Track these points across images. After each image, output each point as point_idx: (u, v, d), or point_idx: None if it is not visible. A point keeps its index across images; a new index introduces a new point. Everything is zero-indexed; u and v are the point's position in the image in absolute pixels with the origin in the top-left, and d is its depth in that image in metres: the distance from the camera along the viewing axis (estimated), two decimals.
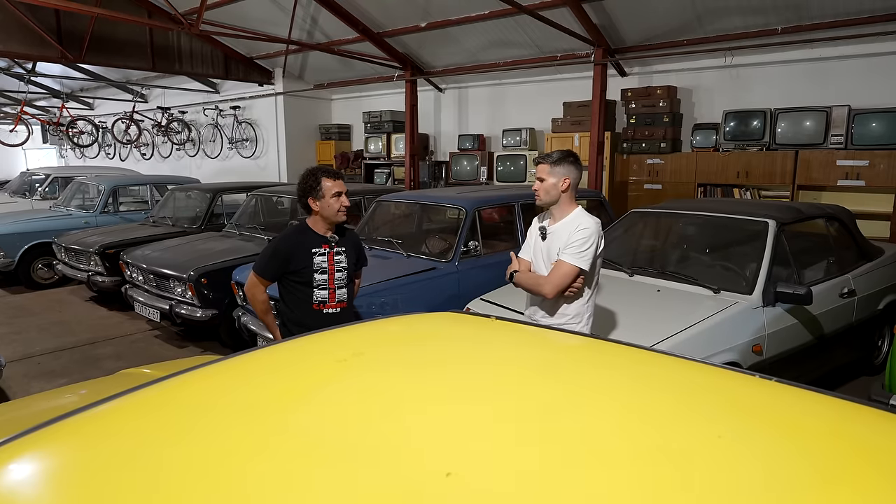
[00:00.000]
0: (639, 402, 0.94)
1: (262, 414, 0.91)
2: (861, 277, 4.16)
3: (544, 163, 2.59)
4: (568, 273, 2.50)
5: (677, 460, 0.77)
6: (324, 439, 0.82)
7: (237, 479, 0.74)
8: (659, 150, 7.19)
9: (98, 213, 8.24)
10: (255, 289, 2.89)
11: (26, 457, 0.86)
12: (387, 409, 0.90)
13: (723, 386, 1.03)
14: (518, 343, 1.24)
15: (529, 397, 0.93)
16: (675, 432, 0.84)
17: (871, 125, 5.83)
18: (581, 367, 1.10)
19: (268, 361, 1.13)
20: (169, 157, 13.33)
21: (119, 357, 5.17)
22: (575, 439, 0.81)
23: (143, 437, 0.89)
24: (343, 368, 1.05)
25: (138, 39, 8.98)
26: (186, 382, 1.08)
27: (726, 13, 6.26)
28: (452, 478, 0.69)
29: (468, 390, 0.97)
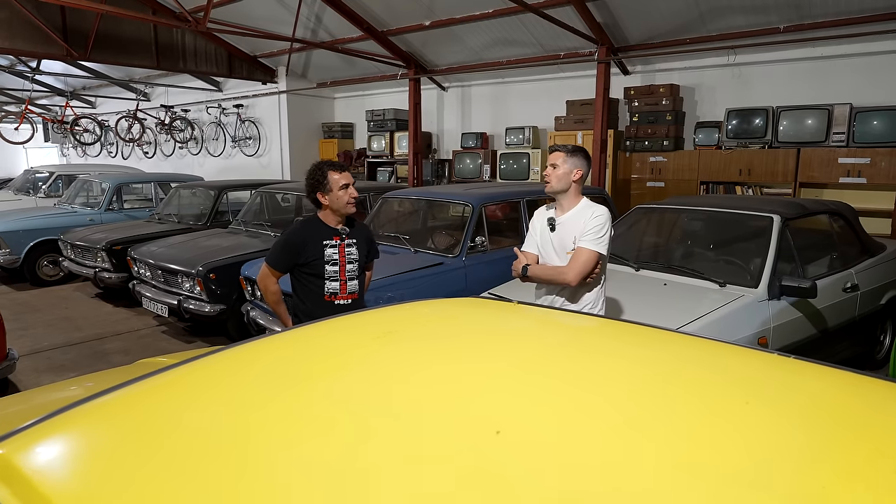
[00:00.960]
0: (666, 373, 0.98)
1: (318, 382, 0.95)
2: (864, 273, 4.21)
3: (560, 151, 2.65)
4: (589, 259, 2.56)
5: (708, 420, 0.81)
6: (380, 402, 0.86)
7: (308, 439, 0.78)
8: (662, 147, 7.24)
9: (103, 210, 8.28)
10: (266, 280, 2.92)
11: (78, 430, 0.89)
12: (430, 376, 0.94)
13: (745, 362, 1.07)
14: (543, 322, 1.29)
15: (564, 368, 0.97)
16: (703, 397, 0.89)
17: (873, 123, 5.88)
18: (608, 344, 1.15)
19: (305, 339, 1.17)
20: (171, 155, 13.37)
21: (127, 352, 5.20)
22: (614, 404, 0.85)
23: (212, 403, 0.92)
24: (381, 344, 1.10)
25: (143, 37, 9.02)
26: (235, 356, 1.11)
27: (729, 12, 6.31)
28: (502, 435, 0.73)
29: (503, 361, 1.01)
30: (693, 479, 0.68)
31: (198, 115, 12.65)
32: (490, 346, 1.11)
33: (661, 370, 1.00)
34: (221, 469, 0.74)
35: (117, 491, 0.73)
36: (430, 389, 0.91)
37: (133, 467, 0.77)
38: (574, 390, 0.90)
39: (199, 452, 0.78)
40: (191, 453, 0.78)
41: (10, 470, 0.75)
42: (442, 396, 0.88)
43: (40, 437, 0.84)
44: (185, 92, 12.21)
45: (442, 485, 0.67)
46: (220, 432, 0.83)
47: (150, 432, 0.85)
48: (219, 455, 0.77)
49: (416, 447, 0.74)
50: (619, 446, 0.74)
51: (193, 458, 0.77)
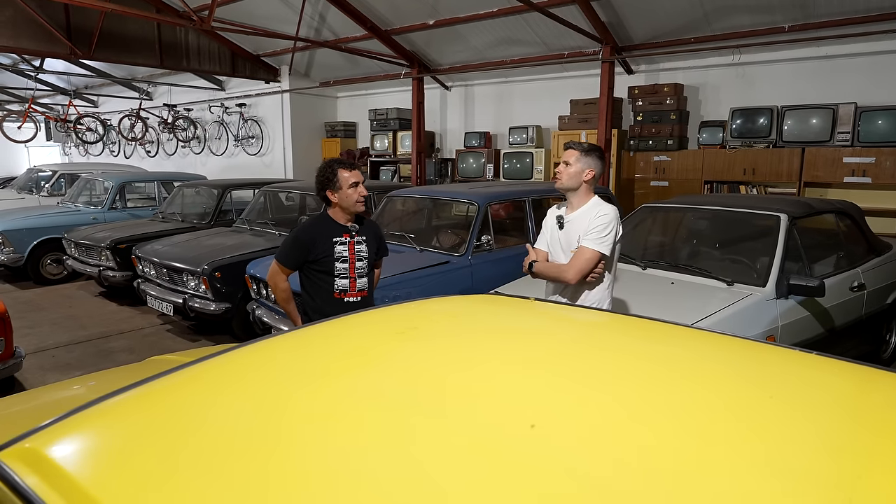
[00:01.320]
0: (692, 370, 0.98)
1: (346, 377, 0.95)
2: (870, 272, 4.20)
3: (575, 149, 2.64)
4: (590, 258, 2.55)
5: (736, 415, 0.81)
6: (411, 398, 0.86)
7: (344, 436, 0.78)
8: (666, 147, 7.24)
9: (106, 209, 8.29)
10: (276, 277, 2.93)
11: (107, 424, 0.89)
12: (458, 372, 0.94)
13: (767, 358, 1.07)
14: (564, 319, 1.29)
15: (591, 364, 0.97)
16: (727, 393, 0.89)
17: (878, 122, 5.88)
18: (631, 340, 1.14)
19: (326, 335, 1.17)
20: (174, 154, 13.37)
21: (132, 350, 5.21)
22: (644, 399, 0.85)
23: (241, 398, 0.92)
24: (404, 340, 1.09)
25: (147, 36, 9.02)
26: (259, 352, 1.11)
27: (734, 11, 6.31)
28: (537, 429, 0.73)
29: (529, 357, 1.01)
30: (728, 473, 0.68)
31: (200, 115, 12.66)
32: (514, 342, 1.11)
33: (687, 366, 1.00)
34: (253, 462, 0.74)
35: (147, 483, 0.73)
36: (459, 384, 0.91)
37: (163, 461, 0.77)
38: (601, 385, 0.90)
39: (229, 446, 0.78)
40: (221, 447, 0.78)
41: (41, 462, 0.75)
42: (472, 391, 0.88)
43: (69, 430, 0.84)
44: (188, 91, 12.21)
45: (481, 478, 0.67)
46: (250, 426, 0.83)
47: (177, 427, 0.85)
48: (249, 449, 0.77)
49: (451, 441, 0.74)
50: (654, 440, 0.74)
51: (224, 452, 0.77)
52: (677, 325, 1.22)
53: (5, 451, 0.77)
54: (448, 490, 0.65)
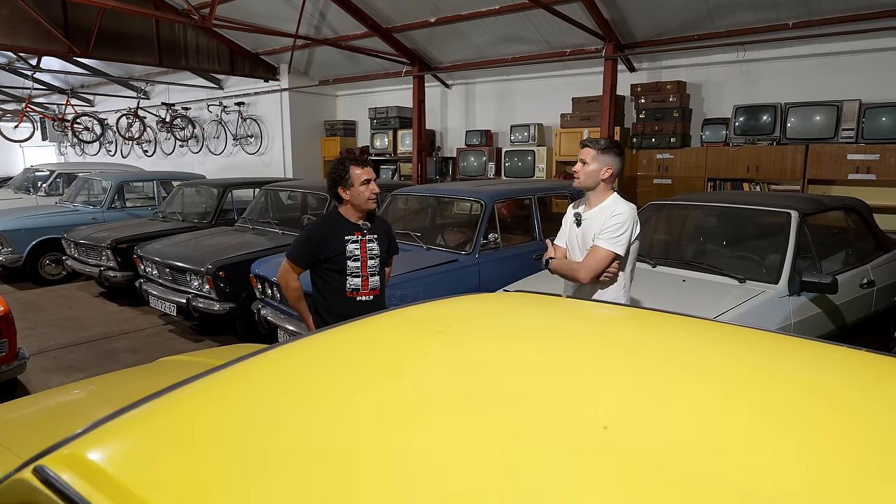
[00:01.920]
0: (764, 367, 0.95)
1: (403, 375, 0.92)
2: (879, 268, 4.19)
3: (591, 147, 2.60)
4: (603, 258, 2.52)
5: (824, 411, 0.79)
6: (475, 396, 0.83)
7: (416, 434, 0.75)
8: (669, 145, 7.22)
9: (105, 208, 8.23)
10: (287, 276, 2.90)
11: (161, 423, 0.86)
12: (514, 371, 0.91)
13: (840, 357, 1.04)
14: (607, 318, 1.26)
15: (647, 363, 0.94)
16: (811, 390, 0.86)
17: (882, 119, 5.87)
18: (686, 338, 1.11)
19: (360, 335, 1.13)
20: (171, 153, 13.29)
21: (135, 351, 5.16)
22: (714, 400, 0.82)
23: (300, 395, 0.89)
24: (447, 338, 1.06)
25: (145, 34, 8.94)
26: (293, 352, 1.08)
27: (738, 8, 6.29)
28: (610, 430, 0.70)
29: (582, 356, 0.98)
30: (833, 477, 0.65)
31: (198, 114, 12.58)
32: (558, 341, 1.08)
33: (757, 363, 0.98)
34: (313, 462, 0.71)
35: (200, 486, 0.69)
36: (519, 384, 0.87)
37: (213, 463, 0.74)
38: (668, 385, 0.87)
39: (281, 446, 0.75)
40: (273, 448, 0.75)
41: (87, 468, 0.72)
42: (532, 392, 0.85)
43: (111, 435, 0.81)
44: (186, 90, 12.13)
45: (559, 479, 0.64)
46: (304, 425, 0.80)
47: (227, 427, 0.82)
48: (307, 448, 0.74)
49: (525, 441, 0.71)
50: (738, 442, 0.71)
51: (276, 452, 0.74)
52: (727, 324, 1.19)
53: (48, 458, 0.73)
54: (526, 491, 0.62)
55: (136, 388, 2.11)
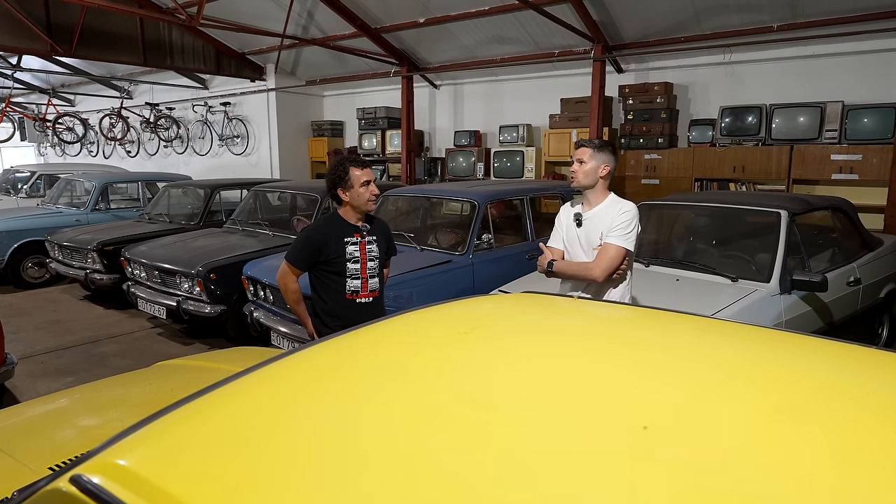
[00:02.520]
0: (785, 365, 0.97)
1: (435, 376, 0.92)
2: (865, 267, 4.28)
3: (587, 146, 2.63)
4: (616, 255, 2.55)
5: (851, 410, 0.80)
6: (510, 397, 0.83)
7: (451, 435, 0.75)
8: (656, 145, 7.29)
9: (89, 210, 8.09)
10: (287, 278, 2.88)
11: (195, 426, 0.85)
12: (549, 371, 0.92)
13: (846, 353, 1.07)
14: (624, 320, 1.27)
15: (681, 364, 0.95)
16: (834, 388, 0.88)
17: (864, 120, 6.00)
18: (711, 339, 1.13)
19: (384, 336, 1.13)
20: (155, 154, 13.11)
21: (124, 355, 5.08)
22: (750, 400, 0.83)
23: (320, 400, 0.89)
24: (474, 339, 1.06)
25: (130, 33, 8.81)
26: (322, 353, 1.07)
27: (724, 10, 6.38)
28: (650, 431, 0.71)
29: (613, 356, 0.99)
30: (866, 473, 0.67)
31: (183, 114, 12.43)
32: (584, 342, 1.08)
33: (785, 363, 0.99)
34: (353, 463, 0.71)
35: (243, 489, 0.69)
36: (555, 384, 0.88)
37: (254, 466, 0.73)
38: (703, 385, 0.88)
39: (321, 448, 0.75)
40: (312, 449, 0.75)
41: (125, 475, 0.71)
42: (567, 391, 0.85)
43: (145, 441, 0.80)
44: (170, 90, 11.97)
45: (603, 481, 0.65)
46: (342, 426, 0.80)
47: (262, 430, 0.82)
48: (346, 449, 0.74)
49: (566, 442, 0.72)
50: (783, 442, 0.72)
51: (317, 453, 0.74)
52: (751, 325, 1.21)
53: (84, 466, 0.72)
54: (571, 490, 0.62)
55: (139, 392, 2.09)
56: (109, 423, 1.87)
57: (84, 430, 1.81)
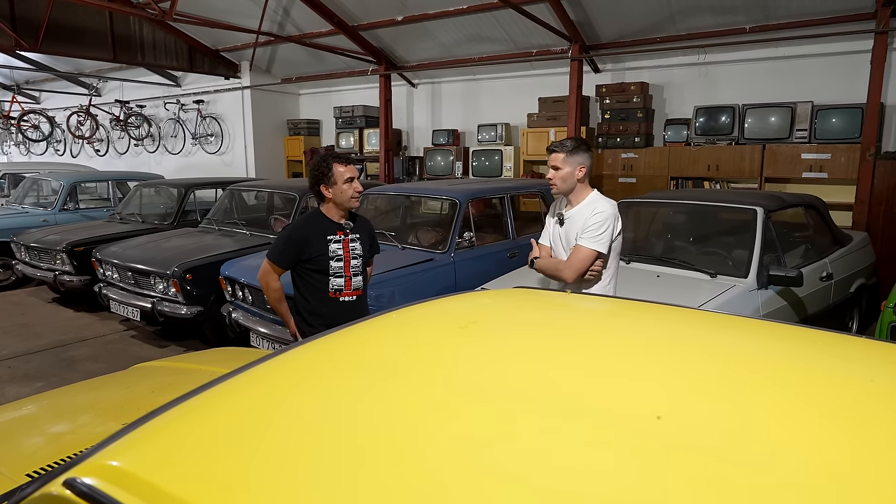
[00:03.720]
0: (783, 356, 0.98)
1: (434, 371, 0.90)
2: (837, 262, 4.40)
3: (559, 152, 2.60)
4: (586, 257, 2.54)
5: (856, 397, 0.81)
6: (517, 391, 0.82)
7: (466, 427, 0.74)
8: (633, 144, 7.38)
9: (57, 210, 7.86)
10: (268, 276, 2.82)
11: (190, 426, 0.82)
12: (554, 364, 0.91)
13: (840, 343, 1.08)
14: (618, 313, 1.27)
15: (679, 354, 0.95)
16: (836, 377, 0.89)
17: (833, 120, 6.16)
18: (698, 329, 1.14)
19: (381, 332, 1.11)
20: (126, 153, 12.78)
21: (97, 358, 4.94)
22: (759, 389, 0.83)
23: (321, 396, 0.87)
24: (472, 333, 1.05)
25: (98, 28, 8.57)
26: (317, 350, 1.04)
27: (698, 12, 6.49)
28: (664, 421, 0.71)
29: (616, 348, 0.99)
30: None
31: (154, 112, 12.14)
32: (586, 335, 1.08)
33: (776, 350, 1.00)
34: (350, 460, 0.69)
35: (240, 486, 0.67)
36: (561, 376, 0.87)
37: (249, 463, 0.71)
38: (708, 374, 0.88)
39: (320, 443, 0.73)
40: (313, 445, 0.73)
41: (122, 476, 0.68)
42: (578, 383, 0.85)
43: (137, 443, 0.77)
44: (141, 87, 11.69)
45: (619, 469, 0.64)
46: (341, 422, 0.77)
47: (258, 428, 0.79)
48: (344, 445, 0.72)
49: (579, 432, 0.71)
50: (794, 429, 0.72)
51: (317, 449, 0.72)
52: (741, 316, 1.22)
53: (77, 469, 0.68)
54: (588, 482, 0.61)
55: (117, 395, 2.02)
56: (87, 426, 1.81)
57: (56, 435, 1.75)
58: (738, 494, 0.59)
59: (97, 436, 1.41)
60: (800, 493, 0.60)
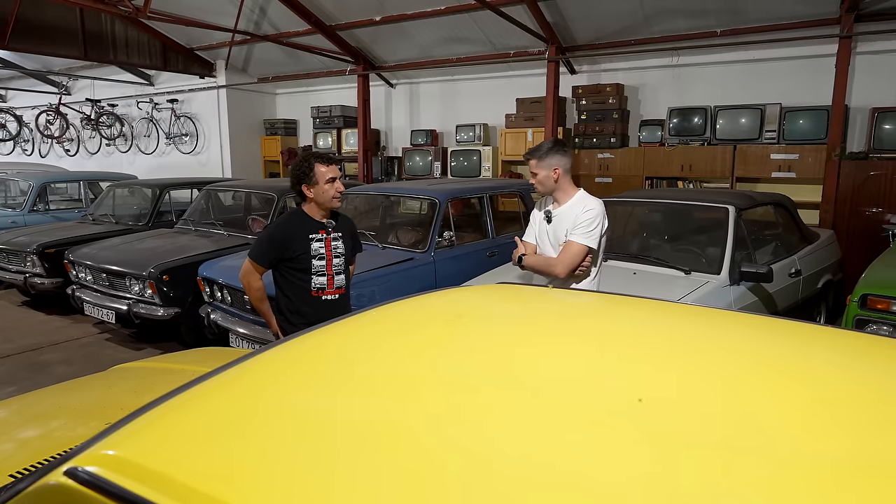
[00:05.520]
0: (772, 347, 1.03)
1: (427, 361, 0.93)
2: (805, 259, 4.54)
3: (532, 158, 2.73)
4: (578, 252, 2.62)
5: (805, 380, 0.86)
6: (505, 378, 0.85)
7: (453, 416, 0.77)
8: (609, 145, 7.50)
9: (26, 211, 7.69)
10: (250, 276, 2.81)
11: (183, 417, 0.84)
12: (539, 354, 0.94)
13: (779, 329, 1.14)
14: (597, 305, 1.31)
15: (659, 342, 1.00)
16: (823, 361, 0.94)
17: (800, 122, 6.36)
18: (672, 319, 1.19)
19: (369, 327, 1.13)
20: (97, 152, 12.52)
21: (70, 362, 4.84)
22: (733, 375, 0.88)
23: (317, 385, 0.89)
24: (461, 325, 1.08)
25: (68, 25, 8.38)
26: (311, 343, 1.06)
27: (671, 15, 6.64)
28: (645, 403, 0.75)
29: (593, 340, 1.03)
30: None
31: (127, 111, 11.91)
32: (571, 326, 1.12)
33: (747, 336, 1.05)
34: (345, 443, 0.71)
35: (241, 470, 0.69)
36: (547, 365, 0.90)
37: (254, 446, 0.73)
38: (686, 360, 0.93)
39: (326, 429, 0.75)
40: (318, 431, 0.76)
41: (123, 463, 0.69)
42: (568, 371, 0.88)
43: (145, 429, 0.78)
44: (113, 85, 11.46)
45: (605, 447, 0.68)
46: (336, 409, 0.80)
47: (255, 417, 0.81)
48: (339, 431, 0.74)
49: (564, 415, 0.74)
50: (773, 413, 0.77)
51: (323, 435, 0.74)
52: (714, 308, 1.27)
53: (77, 459, 0.70)
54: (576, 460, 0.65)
55: (98, 395, 2.00)
56: (66, 428, 1.79)
57: (40, 436, 1.73)
58: (713, 467, 0.63)
59: (81, 436, 1.41)
60: (771, 466, 0.65)
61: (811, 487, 0.60)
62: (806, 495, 0.59)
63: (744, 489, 0.60)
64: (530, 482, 0.61)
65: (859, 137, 6.34)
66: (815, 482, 0.61)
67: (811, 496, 0.59)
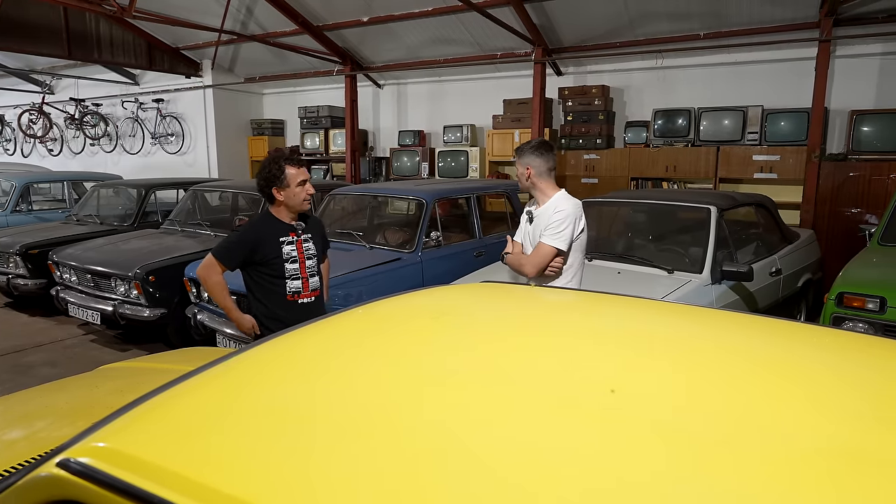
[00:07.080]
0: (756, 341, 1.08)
1: (416, 357, 0.96)
2: (785, 258, 4.64)
3: (515, 156, 2.78)
4: (546, 253, 2.66)
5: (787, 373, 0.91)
6: (493, 371, 0.88)
7: (441, 410, 0.80)
8: (595, 146, 7.58)
9: (8, 211, 7.59)
10: (210, 270, 2.73)
11: (175, 412, 0.86)
12: (520, 349, 0.98)
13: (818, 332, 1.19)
14: (577, 302, 1.35)
15: (633, 337, 1.04)
16: (767, 362, 0.99)
17: (781, 124, 6.47)
18: (650, 314, 1.23)
19: (353, 325, 1.16)
20: (81, 152, 12.37)
21: (54, 364, 4.80)
22: (705, 366, 0.92)
23: (309, 379, 0.92)
24: (447, 323, 1.11)
25: (52, 24, 8.29)
26: (298, 340, 1.08)
27: (656, 18, 6.72)
28: (617, 393, 0.78)
29: (572, 334, 1.06)
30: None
31: (112, 110, 11.79)
32: (554, 322, 1.15)
33: (716, 331, 1.10)
34: (342, 435, 0.74)
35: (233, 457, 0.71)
36: (526, 359, 0.94)
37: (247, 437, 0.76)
38: (658, 353, 0.97)
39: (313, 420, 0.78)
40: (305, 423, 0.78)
41: (115, 454, 0.71)
42: (548, 364, 0.92)
43: (137, 422, 0.81)
44: (97, 84, 11.34)
45: (579, 433, 0.71)
46: (329, 402, 0.82)
47: (247, 409, 0.83)
48: (333, 421, 0.77)
49: (543, 404, 0.78)
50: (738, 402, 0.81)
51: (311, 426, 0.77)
52: (690, 305, 1.32)
53: (70, 451, 0.72)
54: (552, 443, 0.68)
55: (85, 395, 2.01)
56: (53, 427, 1.79)
57: (13, 441, 1.72)
58: (680, 453, 0.67)
59: (67, 436, 1.42)
60: (752, 455, 0.69)
61: (793, 474, 0.64)
62: (788, 482, 0.63)
63: (726, 479, 0.63)
64: (513, 473, 0.64)
65: (839, 139, 6.47)
66: (796, 469, 0.64)
67: (793, 483, 0.63)
